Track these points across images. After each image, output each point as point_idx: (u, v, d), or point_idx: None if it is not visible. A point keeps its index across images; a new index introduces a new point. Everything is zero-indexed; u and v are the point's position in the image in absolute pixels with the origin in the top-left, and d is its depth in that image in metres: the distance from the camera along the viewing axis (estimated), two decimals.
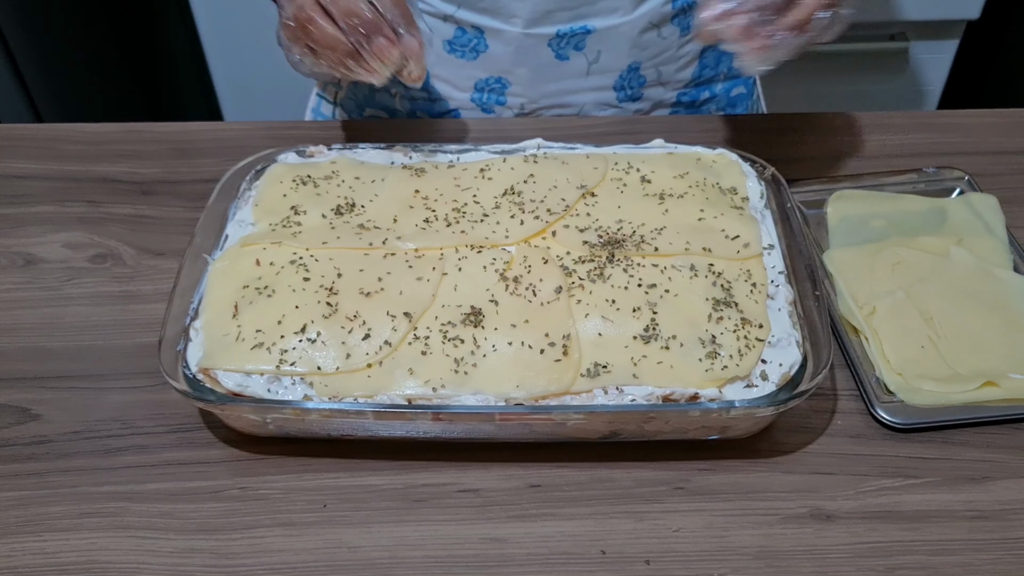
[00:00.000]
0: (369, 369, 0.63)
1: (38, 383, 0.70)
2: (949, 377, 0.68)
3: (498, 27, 0.95)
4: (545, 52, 0.96)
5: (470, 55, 0.98)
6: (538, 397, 0.62)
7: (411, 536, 0.61)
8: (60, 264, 0.80)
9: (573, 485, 0.64)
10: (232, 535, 0.61)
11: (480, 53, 0.97)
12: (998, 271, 0.75)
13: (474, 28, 0.96)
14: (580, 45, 0.96)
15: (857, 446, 0.66)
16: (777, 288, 0.68)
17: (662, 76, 1.01)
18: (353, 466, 0.65)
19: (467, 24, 0.96)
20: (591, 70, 0.99)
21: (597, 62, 0.98)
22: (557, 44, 0.96)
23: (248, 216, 0.74)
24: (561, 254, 0.70)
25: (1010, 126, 0.96)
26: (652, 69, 1.00)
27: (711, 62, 1.05)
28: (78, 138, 0.94)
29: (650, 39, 0.98)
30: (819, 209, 0.83)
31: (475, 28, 0.96)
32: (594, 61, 0.98)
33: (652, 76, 1.01)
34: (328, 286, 0.67)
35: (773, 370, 0.63)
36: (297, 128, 0.98)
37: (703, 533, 0.61)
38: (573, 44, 0.96)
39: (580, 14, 0.94)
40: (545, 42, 0.96)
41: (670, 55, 1.00)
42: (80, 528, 0.61)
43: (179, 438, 0.67)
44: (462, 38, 0.97)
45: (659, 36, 0.98)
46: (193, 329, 0.65)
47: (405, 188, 0.76)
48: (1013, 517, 0.61)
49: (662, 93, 1.04)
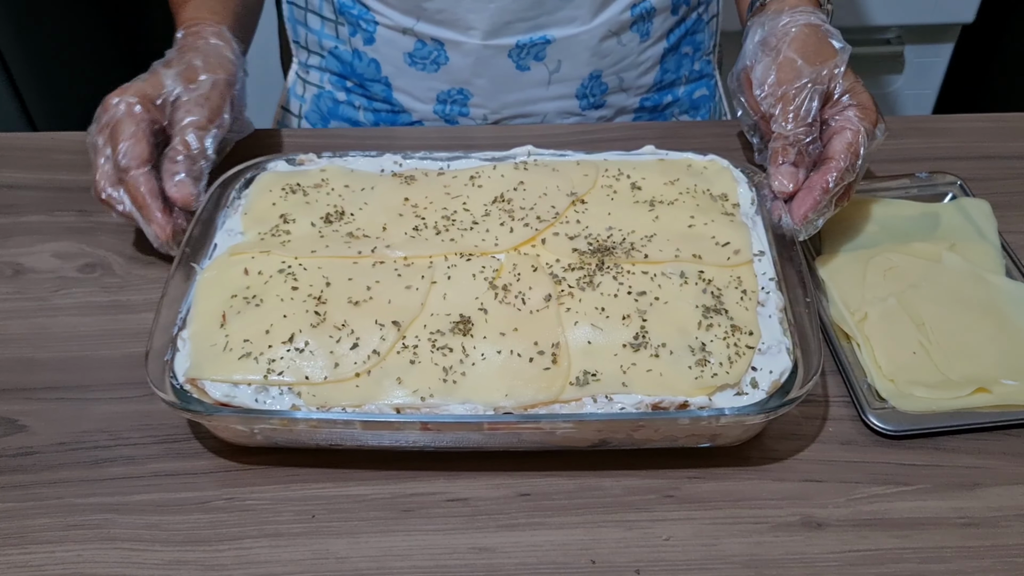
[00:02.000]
0: (357, 379, 0.62)
1: (25, 394, 0.70)
2: (941, 383, 0.67)
3: (457, 39, 0.95)
4: (505, 63, 0.97)
5: (431, 67, 0.98)
6: (527, 406, 0.61)
7: (399, 546, 0.61)
8: (49, 274, 0.80)
9: (562, 494, 0.63)
10: (219, 546, 0.60)
11: (441, 65, 0.98)
12: (991, 276, 0.75)
13: (433, 40, 0.96)
14: (540, 55, 0.97)
15: (848, 453, 0.66)
16: (768, 295, 0.68)
17: (624, 83, 1.02)
18: (341, 476, 0.64)
19: (426, 37, 0.96)
20: (552, 79, 0.99)
21: (558, 71, 0.98)
22: (517, 54, 0.96)
23: (237, 225, 0.74)
24: (551, 262, 0.70)
25: (1003, 131, 0.95)
26: (613, 76, 1.01)
27: (672, 66, 1.05)
28: (69, 147, 0.94)
29: (610, 47, 0.98)
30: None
31: (435, 40, 0.96)
32: (555, 70, 0.98)
33: (614, 83, 1.01)
34: (316, 295, 0.67)
35: (763, 377, 0.63)
36: (293, 136, 0.98)
37: (693, 541, 0.60)
38: (533, 54, 0.96)
39: (538, 24, 0.94)
40: (505, 53, 0.96)
41: (631, 61, 1.01)
42: (66, 540, 0.61)
43: (166, 449, 0.66)
44: (422, 50, 0.97)
45: (619, 43, 0.98)
46: (181, 339, 0.65)
47: (395, 196, 0.76)
48: (1004, 524, 0.61)
49: (624, 99, 1.04)
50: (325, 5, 1.02)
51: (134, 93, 0.78)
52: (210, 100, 0.80)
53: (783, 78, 0.77)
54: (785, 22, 0.81)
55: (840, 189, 0.74)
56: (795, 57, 0.78)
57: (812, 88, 0.76)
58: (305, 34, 1.07)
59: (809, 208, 0.72)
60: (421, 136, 1.00)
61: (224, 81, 0.82)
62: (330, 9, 1.01)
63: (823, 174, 0.73)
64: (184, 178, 0.76)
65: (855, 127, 0.75)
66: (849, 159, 0.73)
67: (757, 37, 0.82)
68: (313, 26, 1.05)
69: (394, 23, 0.97)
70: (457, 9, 0.94)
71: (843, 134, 0.75)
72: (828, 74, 0.77)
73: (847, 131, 0.75)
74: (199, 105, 0.79)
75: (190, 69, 0.81)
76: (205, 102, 0.79)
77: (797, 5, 0.82)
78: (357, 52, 1.01)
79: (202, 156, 0.78)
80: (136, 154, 0.75)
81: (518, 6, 0.93)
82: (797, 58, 0.77)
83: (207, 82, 0.81)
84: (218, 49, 0.85)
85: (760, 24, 0.83)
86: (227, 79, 0.83)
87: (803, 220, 0.73)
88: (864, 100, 0.77)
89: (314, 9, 1.04)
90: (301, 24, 1.06)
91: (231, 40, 0.87)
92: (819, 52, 0.78)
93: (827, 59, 0.77)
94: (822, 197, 0.73)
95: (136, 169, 0.75)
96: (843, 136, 0.75)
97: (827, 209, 0.74)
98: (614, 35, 0.97)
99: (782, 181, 0.74)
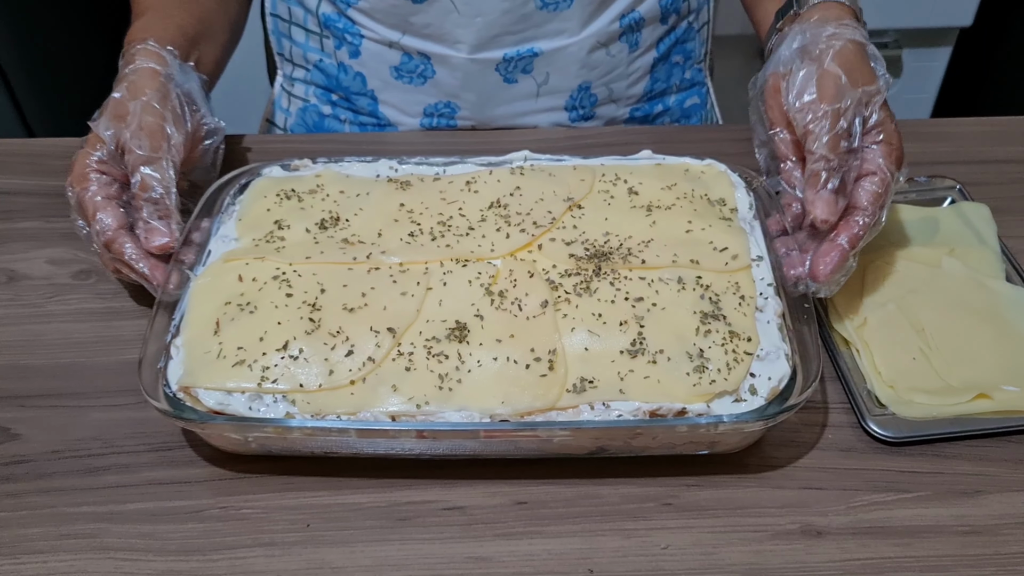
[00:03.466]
0: (352, 386, 0.62)
1: (18, 402, 0.69)
2: (941, 389, 0.67)
3: (444, 53, 0.95)
4: (493, 76, 0.96)
5: (418, 80, 0.98)
6: (523, 413, 0.61)
7: (395, 555, 0.60)
8: (43, 281, 0.80)
9: (560, 502, 0.63)
10: (212, 556, 0.60)
11: (428, 79, 0.97)
12: (990, 281, 0.74)
13: (420, 54, 0.95)
14: (528, 68, 0.96)
15: (848, 460, 0.65)
16: (766, 300, 0.68)
17: (613, 93, 1.01)
18: (336, 484, 0.64)
19: (413, 51, 0.96)
20: (541, 91, 0.98)
21: (547, 83, 0.98)
22: (505, 68, 0.95)
23: (231, 231, 0.74)
24: (547, 267, 0.69)
25: (1001, 135, 0.95)
26: (603, 87, 1.00)
27: (662, 76, 1.04)
28: (63, 153, 0.93)
29: (599, 58, 0.97)
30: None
31: (421, 54, 0.95)
32: (543, 83, 0.97)
33: (603, 94, 1.01)
34: (311, 302, 0.66)
35: (762, 384, 0.62)
36: (288, 141, 0.98)
37: (691, 550, 0.60)
38: (521, 67, 0.95)
39: (526, 37, 0.94)
40: (492, 66, 0.95)
41: (620, 72, 1.00)
42: (59, 550, 0.60)
43: (160, 457, 0.66)
44: (408, 64, 0.97)
45: (608, 55, 0.97)
46: (174, 347, 0.65)
47: (390, 202, 0.75)
48: (1006, 532, 0.60)
49: (614, 110, 1.03)
50: (310, 18, 1.00)
51: (80, 168, 0.74)
52: (145, 126, 0.74)
53: (826, 94, 0.70)
54: (830, 33, 0.74)
55: (864, 244, 0.69)
56: (839, 73, 0.71)
57: (856, 111, 0.70)
58: (290, 47, 1.05)
59: (836, 266, 0.67)
60: (415, 141, 0.99)
61: (155, 98, 0.76)
62: (315, 22, 1.00)
63: (849, 228, 0.68)
64: (152, 225, 0.72)
65: (884, 174, 0.70)
66: (876, 213, 0.69)
67: (796, 44, 0.75)
68: (298, 39, 1.03)
69: (380, 36, 0.96)
70: (444, 23, 0.93)
71: (871, 180, 0.70)
72: (868, 101, 0.71)
73: (876, 177, 0.70)
74: (137, 137, 0.73)
75: (118, 105, 0.76)
76: (140, 131, 0.74)
77: (841, 17, 0.76)
78: (343, 65, 1.00)
79: (163, 187, 0.73)
80: (106, 225, 0.72)
81: (506, 20, 0.92)
82: (842, 75, 0.71)
83: (136, 108, 0.75)
84: (143, 68, 0.78)
85: (801, 31, 0.76)
86: (157, 93, 0.76)
87: (827, 279, 0.68)
88: (893, 139, 0.72)
89: (299, 22, 1.02)
90: (286, 37, 1.05)
91: (159, 51, 0.80)
92: (862, 74, 0.72)
93: (868, 82, 0.72)
94: (848, 252, 0.68)
95: (115, 239, 0.72)
96: (871, 183, 0.70)
97: (851, 266, 0.69)
98: (603, 46, 0.96)
99: (824, 210, 0.68)
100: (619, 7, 0.95)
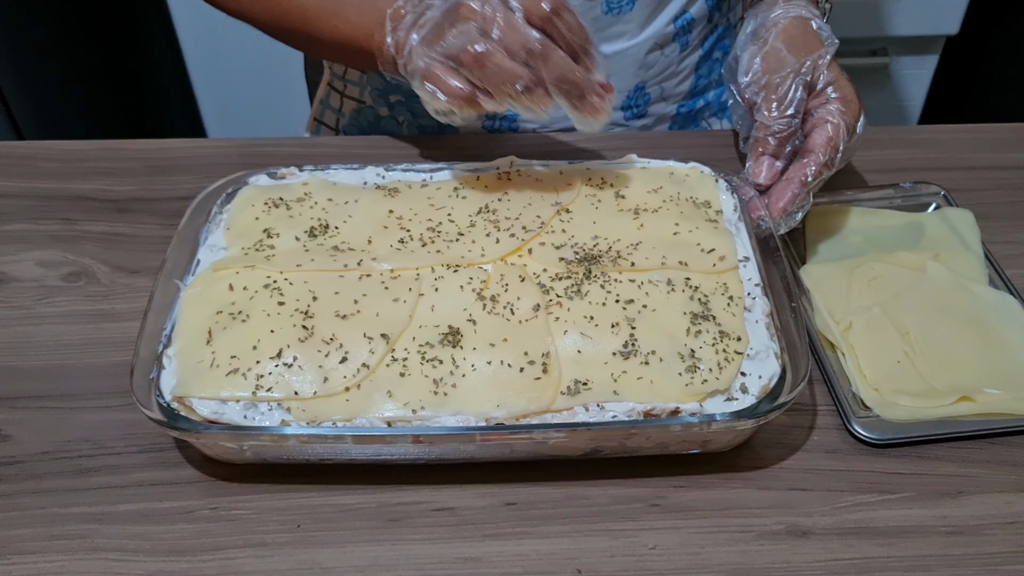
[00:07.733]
0: (347, 393, 0.62)
1: (8, 403, 0.69)
2: (925, 392, 0.68)
3: None
4: None
5: None
6: (519, 416, 0.61)
7: (385, 556, 0.60)
8: (33, 283, 0.80)
9: (549, 503, 0.63)
10: (203, 557, 0.60)
11: None
12: (974, 286, 0.75)
13: None
14: None
15: (833, 461, 0.66)
16: (754, 300, 0.68)
17: (664, 92, 1.03)
18: (327, 485, 0.64)
19: None
20: None
21: None
22: None
23: (220, 240, 0.73)
24: (538, 271, 0.70)
25: (987, 141, 0.96)
26: (656, 86, 1.02)
27: (705, 72, 1.06)
28: (53, 155, 0.94)
29: (654, 59, 0.99)
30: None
31: None
32: None
33: (656, 93, 1.03)
34: (303, 309, 0.66)
35: (753, 382, 0.63)
36: (280, 145, 0.97)
37: (678, 550, 0.61)
38: None
39: None
40: None
41: (671, 71, 1.02)
42: (49, 551, 0.60)
43: (151, 458, 0.66)
44: None
45: (662, 55, 0.99)
46: (166, 356, 0.64)
47: (379, 209, 0.75)
48: (988, 532, 0.61)
49: (664, 108, 1.05)
50: None
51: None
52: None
53: (767, 67, 0.79)
54: (776, 14, 0.83)
55: (818, 183, 0.76)
56: (781, 47, 0.80)
57: (796, 78, 0.77)
58: None
59: (787, 202, 0.75)
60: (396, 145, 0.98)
61: None
62: None
63: (802, 168, 0.75)
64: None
65: (836, 121, 0.76)
66: (829, 153, 0.75)
67: (749, 28, 0.85)
68: None
69: None
70: None
71: (823, 128, 0.77)
72: (812, 65, 0.78)
73: (828, 124, 0.76)
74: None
75: None
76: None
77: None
78: None
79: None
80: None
81: None
82: (783, 48, 0.80)
83: None
84: None
85: (754, 15, 0.85)
86: None
87: (781, 213, 0.75)
88: (847, 93, 0.78)
89: None
90: None
91: None
92: (805, 44, 0.80)
93: (812, 51, 0.79)
94: (799, 190, 0.75)
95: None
96: (823, 130, 0.76)
97: (805, 202, 0.76)
98: (659, 47, 0.98)
99: (758, 172, 0.77)
100: (673, 10, 0.97)
